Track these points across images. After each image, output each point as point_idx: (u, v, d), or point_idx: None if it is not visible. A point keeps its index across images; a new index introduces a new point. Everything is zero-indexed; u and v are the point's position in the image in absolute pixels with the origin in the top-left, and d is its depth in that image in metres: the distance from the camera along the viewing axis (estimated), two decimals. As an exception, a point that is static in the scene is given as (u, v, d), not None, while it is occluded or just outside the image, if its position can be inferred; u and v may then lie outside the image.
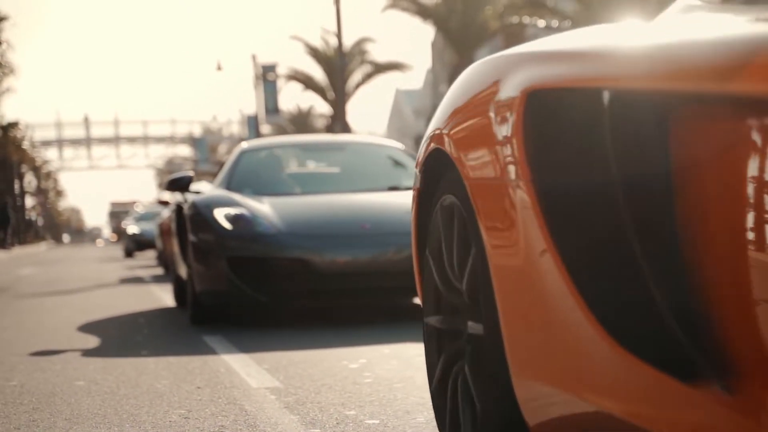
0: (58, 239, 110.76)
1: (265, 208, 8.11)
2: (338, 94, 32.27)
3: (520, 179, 2.20)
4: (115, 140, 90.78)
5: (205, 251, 7.98)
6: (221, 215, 7.96)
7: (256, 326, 8.01)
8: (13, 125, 60.72)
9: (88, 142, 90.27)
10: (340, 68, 31.72)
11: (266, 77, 52.14)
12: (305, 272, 7.65)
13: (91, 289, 14.91)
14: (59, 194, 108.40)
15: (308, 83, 47.98)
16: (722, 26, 1.90)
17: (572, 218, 2.08)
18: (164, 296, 12.03)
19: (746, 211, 1.61)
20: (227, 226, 7.88)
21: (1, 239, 48.18)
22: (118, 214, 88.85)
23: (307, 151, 10.10)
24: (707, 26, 1.93)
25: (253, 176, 9.17)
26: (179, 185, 9.02)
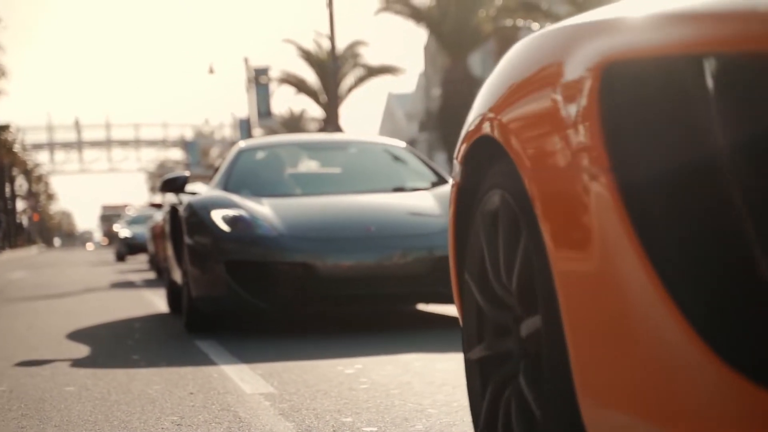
0: (49, 243, 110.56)
1: (265, 209, 7.80)
2: (331, 97, 32.22)
3: (596, 169, 1.85)
4: (106, 143, 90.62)
5: (201, 255, 7.64)
6: (219, 217, 7.64)
7: (249, 331, 7.90)
8: (4, 128, 60.61)
9: (79, 145, 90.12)
10: (333, 71, 31.65)
11: (259, 80, 52.05)
12: (307, 277, 7.32)
13: (82, 293, 14.80)
14: (50, 197, 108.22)
15: (301, 86, 47.91)
16: None
17: (665, 213, 1.72)
18: (156, 301, 11.92)
19: None
20: (225, 228, 7.56)
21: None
22: (109, 217, 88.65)
23: (307, 150, 9.78)
24: None
25: (251, 176, 8.85)
26: (174, 186, 8.69)
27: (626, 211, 1.77)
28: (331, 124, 35.67)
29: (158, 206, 17.76)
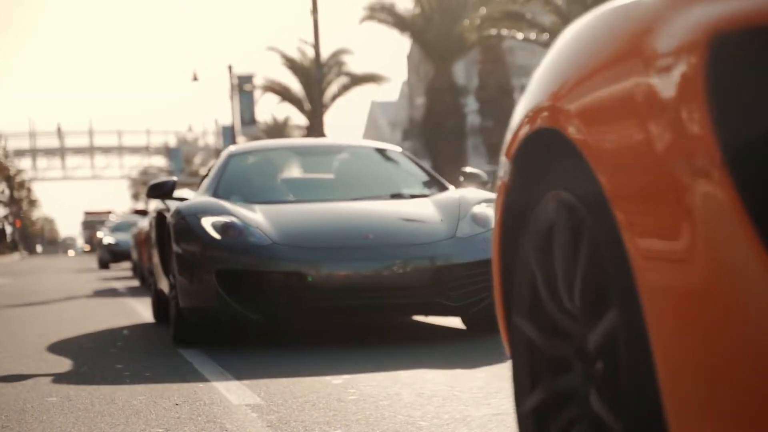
0: (31, 249, 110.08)
1: (257, 216, 7.45)
2: (315, 105, 32.14)
3: (704, 163, 1.52)
4: (89, 150, 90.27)
5: (191, 263, 7.28)
6: (209, 224, 7.29)
7: (235, 340, 7.81)
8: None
9: (62, 152, 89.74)
10: (317, 80, 31.57)
11: (243, 88, 51.94)
12: (301, 287, 6.98)
13: (65, 300, 14.68)
14: (32, 204, 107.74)
15: (285, 95, 47.82)
16: None
17: None
18: (140, 309, 11.82)
19: None
20: (216, 235, 7.21)
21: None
22: (91, 223, 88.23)
23: (300, 155, 9.48)
24: None
25: (242, 182, 8.53)
26: (161, 191, 8.39)
27: (747, 214, 1.46)
28: (315, 131, 35.59)
29: (143, 213, 17.60)
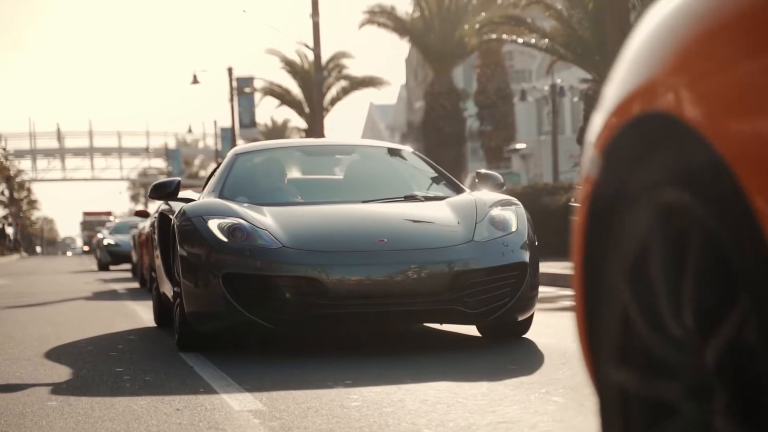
0: (31, 250, 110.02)
1: (265, 218, 7.13)
2: (315, 108, 32.08)
3: None
4: (89, 151, 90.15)
5: (196, 267, 6.98)
6: (215, 226, 6.97)
7: (236, 345, 7.75)
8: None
9: (61, 153, 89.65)
10: (317, 83, 31.52)
11: (242, 90, 51.93)
12: (312, 293, 6.67)
13: (64, 302, 14.63)
14: (32, 204, 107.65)
15: (285, 98, 47.76)
16: None
17: None
18: (141, 312, 11.77)
19: None
20: (223, 238, 6.89)
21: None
22: (91, 224, 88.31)
23: (309, 155, 9.20)
24: None
25: (249, 183, 8.20)
26: (165, 192, 8.14)
27: None
28: (315, 134, 35.56)
29: (144, 214, 17.50)
